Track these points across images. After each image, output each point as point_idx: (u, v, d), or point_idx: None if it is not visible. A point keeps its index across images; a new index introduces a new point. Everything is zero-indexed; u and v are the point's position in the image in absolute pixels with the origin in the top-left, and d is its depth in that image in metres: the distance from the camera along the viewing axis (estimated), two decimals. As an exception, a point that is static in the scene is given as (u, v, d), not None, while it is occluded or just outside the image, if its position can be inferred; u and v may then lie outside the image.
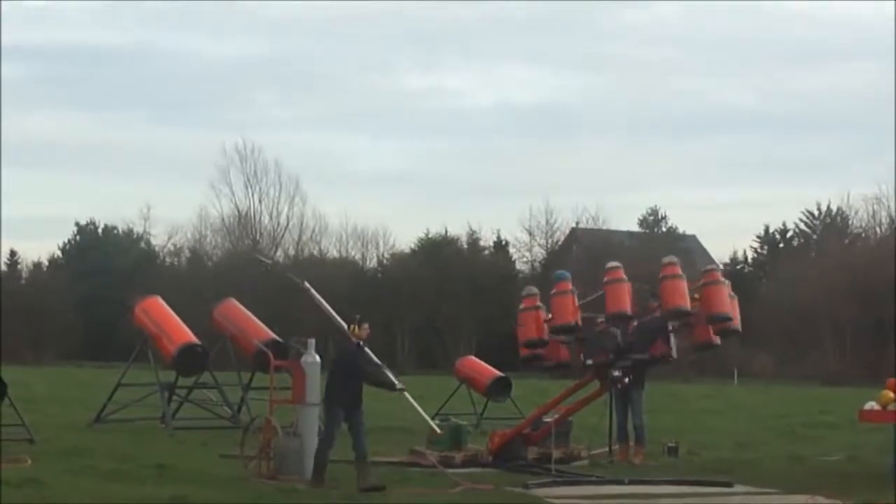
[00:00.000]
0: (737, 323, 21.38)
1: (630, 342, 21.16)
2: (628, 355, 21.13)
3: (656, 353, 21.25)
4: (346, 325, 18.32)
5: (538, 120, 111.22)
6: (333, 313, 23.04)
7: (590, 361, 21.27)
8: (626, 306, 20.85)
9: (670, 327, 21.11)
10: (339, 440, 17.61)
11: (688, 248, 74.92)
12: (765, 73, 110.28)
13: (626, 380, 21.04)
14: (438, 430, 21.93)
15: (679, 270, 20.84)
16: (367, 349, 19.03)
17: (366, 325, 18.20)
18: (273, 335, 27.49)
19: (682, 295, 20.65)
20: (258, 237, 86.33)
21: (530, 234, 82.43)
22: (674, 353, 21.36)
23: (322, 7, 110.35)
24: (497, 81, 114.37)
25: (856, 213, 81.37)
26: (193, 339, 27.36)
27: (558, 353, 21.91)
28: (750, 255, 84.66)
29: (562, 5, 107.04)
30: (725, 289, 21.10)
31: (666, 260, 21.23)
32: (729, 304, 21.04)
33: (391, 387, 19.35)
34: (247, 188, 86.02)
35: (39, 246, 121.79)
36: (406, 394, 20.19)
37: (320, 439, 17.89)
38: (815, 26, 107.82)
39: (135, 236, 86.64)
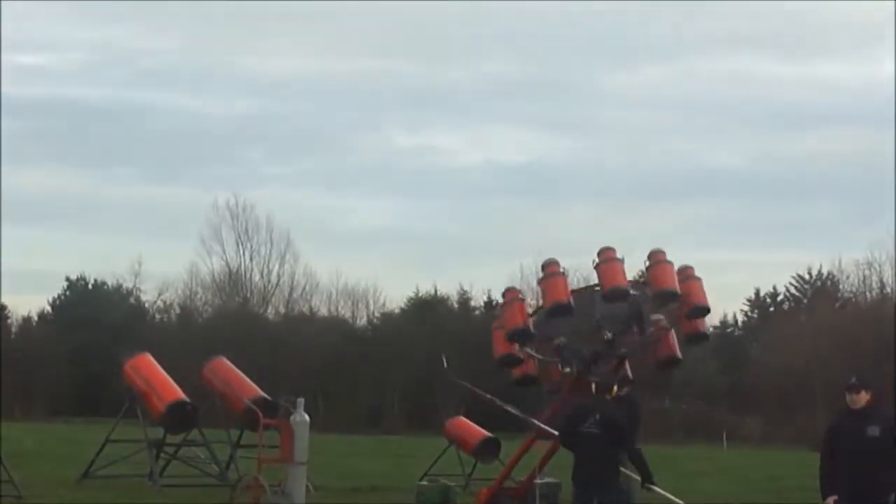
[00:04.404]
0: (697, 299, 19.78)
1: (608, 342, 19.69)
2: (609, 355, 19.65)
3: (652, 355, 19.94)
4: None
5: (527, 180, 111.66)
6: (513, 409, 21.55)
7: (567, 369, 19.85)
8: (566, 296, 19.82)
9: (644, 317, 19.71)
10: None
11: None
12: (755, 138, 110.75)
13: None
14: None
15: (615, 255, 19.70)
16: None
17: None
18: (262, 393, 27.44)
19: (618, 274, 19.54)
20: (249, 295, 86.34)
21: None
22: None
23: (312, 66, 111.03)
24: (486, 142, 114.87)
25: (847, 277, 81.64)
26: (182, 396, 27.31)
27: (524, 367, 20.35)
28: (740, 318, 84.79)
29: (551, 68, 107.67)
30: (671, 267, 19.80)
31: (603, 247, 20.20)
32: (675, 281, 19.64)
33: (649, 478, 16.03)
34: (238, 245, 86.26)
35: (29, 300, 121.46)
36: (656, 487, 16.54)
37: None
38: (805, 91, 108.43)
39: (124, 292, 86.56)
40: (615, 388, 16.34)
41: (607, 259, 19.71)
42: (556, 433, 19.36)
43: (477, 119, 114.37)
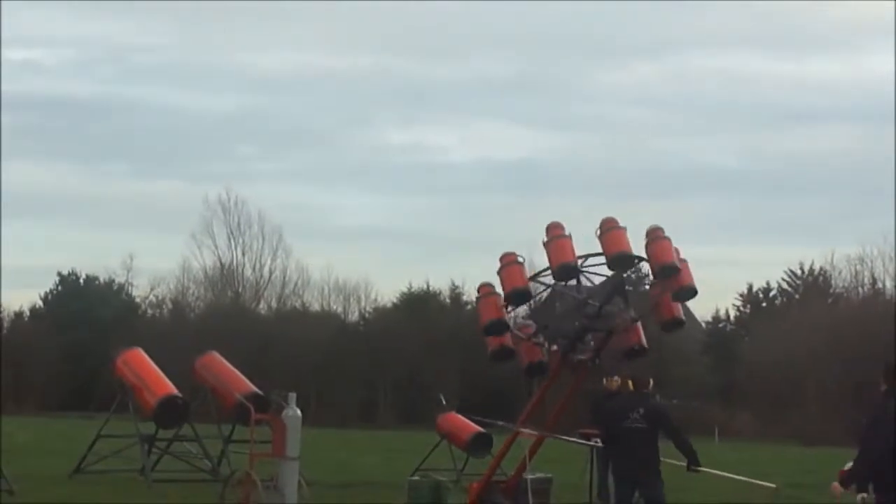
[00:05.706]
0: (663, 258, 18.89)
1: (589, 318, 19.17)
2: (591, 330, 19.19)
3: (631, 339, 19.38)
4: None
5: (518, 177, 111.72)
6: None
7: (555, 347, 19.54)
8: (522, 282, 19.86)
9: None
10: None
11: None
12: (746, 134, 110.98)
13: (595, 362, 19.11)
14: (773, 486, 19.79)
15: (562, 232, 19.46)
16: None
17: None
18: (254, 388, 27.44)
19: (567, 250, 19.30)
20: (241, 290, 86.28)
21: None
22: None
23: (304, 62, 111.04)
24: (477, 139, 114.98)
25: (839, 273, 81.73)
26: (174, 390, 27.31)
27: (532, 354, 19.99)
28: (732, 313, 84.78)
29: (543, 66, 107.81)
30: (622, 232, 19.21)
31: (550, 223, 19.81)
32: (627, 244, 19.07)
33: (696, 461, 16.33)
34: (230, 240, 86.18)
35: (21, 295, 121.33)
36: (703, 469, 16.98)
37: None
38: (796, 88, 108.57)
39: (116, 287, 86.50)
40: (651, 381, 16.48)
41: (554, 237, 19.52)
42: (545, 434, 19.37)
43: (469, 116, 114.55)
